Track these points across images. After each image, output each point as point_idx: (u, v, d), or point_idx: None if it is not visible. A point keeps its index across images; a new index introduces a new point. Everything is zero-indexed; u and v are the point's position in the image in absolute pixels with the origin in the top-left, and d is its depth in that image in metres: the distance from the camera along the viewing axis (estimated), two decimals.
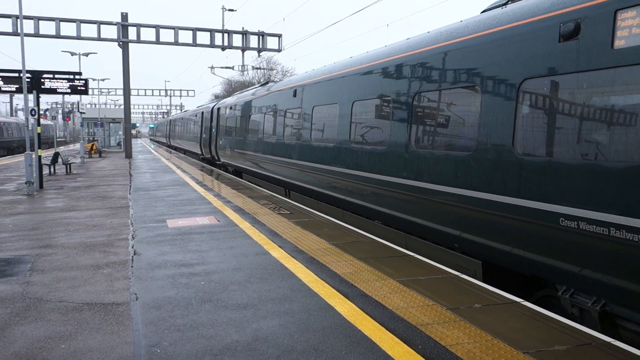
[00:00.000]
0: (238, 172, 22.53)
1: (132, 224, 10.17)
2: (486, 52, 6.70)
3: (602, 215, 4.90)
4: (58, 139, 62.45)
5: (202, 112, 31.83)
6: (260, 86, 20.72)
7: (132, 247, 8.14)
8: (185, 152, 43.07)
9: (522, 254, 5.98)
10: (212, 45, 32.30)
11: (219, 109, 26.44)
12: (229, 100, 25.40)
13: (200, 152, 32.46)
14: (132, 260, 7.33)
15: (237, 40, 32.69)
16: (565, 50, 5.42)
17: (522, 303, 5.43)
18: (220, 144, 25.29)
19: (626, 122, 4.84)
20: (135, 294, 5.78)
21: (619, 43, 4.82)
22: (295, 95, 14.16)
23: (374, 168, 9.40)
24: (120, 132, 44.51)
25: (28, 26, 27.61)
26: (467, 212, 6.85)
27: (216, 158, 26.88)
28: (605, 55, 4.95)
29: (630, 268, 4.68)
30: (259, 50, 33.55)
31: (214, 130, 27.32)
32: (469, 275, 6.67)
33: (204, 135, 30.28)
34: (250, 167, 19.50)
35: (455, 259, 7.38)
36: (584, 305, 5.37)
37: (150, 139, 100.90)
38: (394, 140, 8.71)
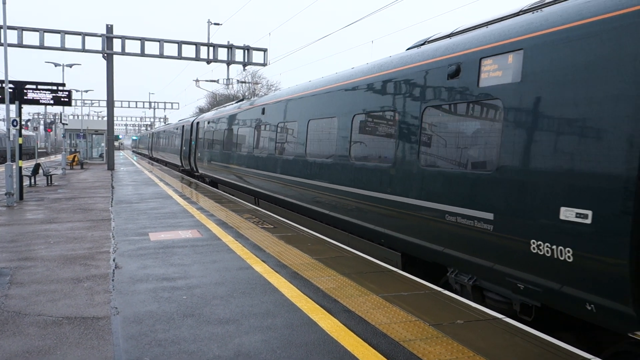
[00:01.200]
0: (214, 182, 24.20)
1: (113, 236, 10.08)
2: (401, 84, 8.34)
3: (468, 211, 6.50)
4: (39, 150, 61.79)
5: (183, 126, 33.39)
6: (235, 103, 22.52)
7: (114, 260, 8.06)
8: (166, 164, 44.29)
9: (426, 245, 7.46)
10: (197, 58, 32.29)
11: (197, 123, 28.10)
12: (207, 115, 26.96)
13: (180, 164, 33.85)
14: (113, 273, 7.26)
15: (222, 53, 32.75)
16: (451, 86, 7.04)
17: (504, 319, 5.47)
18: (198, 156, 26.97)
19: (480, 142, 6.58)
20: (116, 308, 5.71)
21: (482, 82, 6.52)
22: (263, 113, 15.96)
23: (323, 177, 11.00)
24: (103, 144, 44.16)
25: (12, 36, 27.46)
26: (389, 212, 8.39)
27: (195, 170, 28.42)
28: (474, 91, 6.62)
29: (488, 251, 6.21)
30: (244, 64, 33.62)
31: (193, 143, 28.79)
32: (392, 265, 8.18)
33: (184, 148, 31.82)
34: (224, 177, 21.17)
35: (383, 252, 8.95)
36: (463, 282, 6.87)
37: (133, 151, 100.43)
38: (338, 154, 10.37)
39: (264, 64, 33.66)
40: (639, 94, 4.57)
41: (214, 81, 38.82)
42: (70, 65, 38.69)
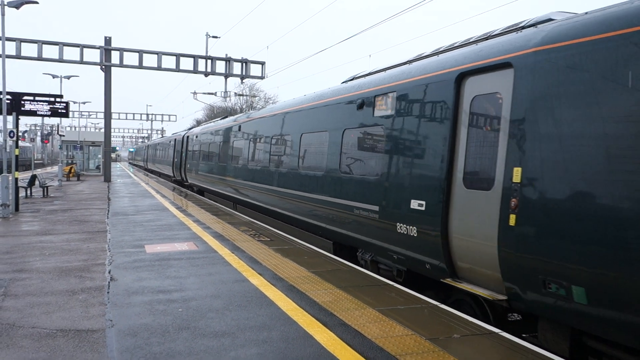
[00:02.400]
0: (201, 191, 26.96)
1: (109, 249, 10.04)
2: (331, 111, 11.08)
3: (366, 205, 9.05)
4: (36, 161, 61.69)
5: (175, 139, 36.34)
6: (220, 119, 25.56)
7: (109, 272, 8.03)
8: (160, 174, 46.81)
9: (345, 233, 10.04)
10: (195, 71, 32.38)
11: (187, 137, 31.17)
12: (195, 130, 30.22)
13: (172, 175, 36.66)
14: (109, 285, 7.22)
15: (220, 66, 32.83)
16: (359, 114, 9.78)
17: (500, 334, 5.46)
18: (187, 167, 29.94)
19: (366, 153, 9.59)
20: (111, 321, 5.68)
21: (376, 113, 9.21)
22: (240, 129, 18.87)
23: (280, 183, 13.63)
24: (100, 156, 44.13)
25: (10, 48, 27.48)
26: (323, 210, 10.91)
27: (185, 180, 31.39)
28: (370, 118, 9.35)
29: (377, 234, 8.71)
30: (242, 77, 33.73)
31: (183, 155, 31.76)
32: (327, 252, 10.36)
33: (176, 160, 34.73)
34: (208, 186, 24.05)
35: (322, 242, 11.34)
36: (366, 259, 9.39)
37: (130, 163, 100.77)
38: (291, 164, 12.98)
39: (262, 77, 33.77)
40: (447, 132, 7.19)
41: (211, 94, 38.98)
42: (68, 77, 38.83)
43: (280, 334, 5.35)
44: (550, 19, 6.60)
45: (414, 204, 7.64)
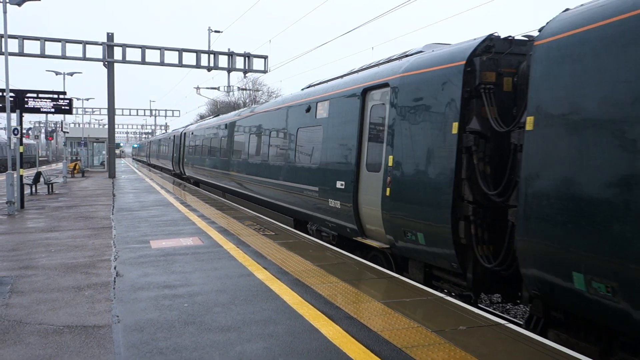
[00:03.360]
0: (197, 182, 29.46)
1: (114, 244, 10.06)
2: (291, 113, 13.69)
3: (310, 187, 11.70)
4: (40, 158, 61.80)
5: (174, 136, 39.02)
6: (212, 117, 29.00)
7: (115, 268, 8.05)
8: (162, 169, 49.25)
9: (299, 210, 12.74)
10: (198, 66, 32.36)
11: (184, 133, 33.54)
12: (191, 127, 32.74)
13: (172, 169, 39.57)
14: (115, 281, 7.24)
15: (223, 61, 32.81)
16: (307, 116, 12.34)
17: (507, 325, 5.45)
18: (185, 161, 32.80)
19: (311, 146, 11.97)
20: (117, 316, 5.70)
21: (317, 115, 11.78)
22: (225, 127, 21.72)
23: (257, 173, 16.36)
24: (104, 152, 44.19)
25: (13, 45, 27.54)
26: (285, 192, 13.59)
27: (183, 173, 34.21)
28: (314, 120, 11.94)
29: (318, 209, 11.39)
30: (245, 72, 33.70)
31: (181, 150, 34.33)
32: (289, 226, 12.96)
33: (175, 155, 37.48)
34: (202, 177, 26.90)
35: (285, 219, 14.00)
36: (312, 229, 12.02)
37: (133, 158, 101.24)
38: (264, 157, 15.66)
39: (265, 71, 33.73)
40: (357, 131, 9.90)
41: (214, 88, 38.92)
42: (71, 74, 38.78)
43: (286, 327, 5.35)
44: (420, 52, 9.19)
45: (338, 184, 10.49)
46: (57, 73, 38.28)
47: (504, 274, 6.73)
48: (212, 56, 32.56)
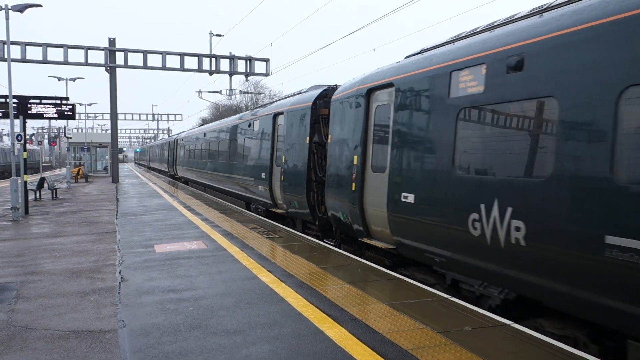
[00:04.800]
0: (186, 181, 35.02)
1: (119, 249, 10.08)
2: (240, 127, 19.15)
3: (253, 179, 16.85)
4: (44, 164, 61.96)
5: (169, 142, 45.12)
6: (198, 126, 36.92)
7: (120, 273, 8.06)
8: (159, 171, 55.16)
9: (247, 195, 17.84)
10: (199, 70, 32.39)
11: (177, 140, 39.70)
12: (182, 134, 39.14)
13: (167, 171, 45.54)
14: (120, 286, 7.25)
15: (224, 64, 32.82)
16: (249, 130, 17.85)
17: (513, 325, 5.44)
18: (177, 163, 38.67)
19: (249, 151, 17.66)
20: (123, 321, 5.70)
21: (254, 129, 17.39)
22: (205, 136, 27.20)
23: (221, 170, 22.21)
24: (107, 157, 44.28)
25: (15, 52, 27.58)
26: (239, 183, 18.67)
27: (176, 173, 40.07)
28: (253, 132, 17.43)
29: (258, 194, 16.59)
30: (247, 75, 33.70)
31: (174, 154, 40.23)
32: (244, 208, 17.85)
33: (170, 158, 43.34)
34: (190, 177, 32.33)
35: (240, 203, 18.94)
36: (253, 207, 17.70)
37: (136, 163, 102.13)
38: (225, 159, 21.37)
39: (267, 74, 33.71)
40: (270, 141, 15.52)
41: (216, 92, 38.91)
42: (74, 79, 38.85)
43: (291, 330, 5.35)
44: (302, 92, 14.61)
45: (262, 175, 15.86)
46: (59, 79, 38.36)
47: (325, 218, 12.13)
48: (213, 60, 32.58)
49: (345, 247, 10.96)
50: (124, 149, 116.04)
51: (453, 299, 6.46)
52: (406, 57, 9.11)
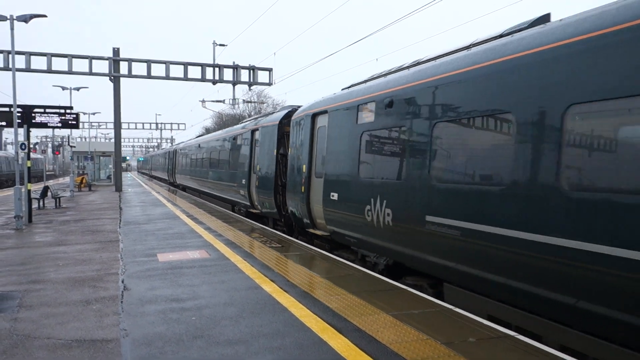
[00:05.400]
0: (184, 188, 38.23)
1: (122, 258, 10.08)
2: (225, 140, 23.00)
3: (236, 184, 19.99)
4: (47, 173, 62.04)
5: (169, 152, 49.89)
6: (195, 138, 40.15)
7: (122, 281, 8.05)
8: (160, 179, 57.97)
9: (234, 199, 20.99)
10: (203, 79, 32.55)
11: (175, 150, 43.87)
12: (180, 145, 43.17)
13: (167, 179, 49.39)
14: (122, 295, 7.24)
15: (228, 74, 32.98)
16: (230, 143, 21.93)
17: (516, 337, 5.41)
18: (176, 172, 42.27)
19: (235, 161, 20.61)
20: (125, 330, 5.69)
21: (234, 143, 21.16)
22: (199, 147, 30.41)
23: (209, 178, 25.68)
24: (110, 166, 44.35)
25: (20, 61, 27.81)
26: (227, 189, 21.90)
27: (175, 181, 43.50)
28: (235, 145, 21.06)
29: (237, 195, 20.06)
30: (250, 84, 33.84)
31: (174, 162, 43.91)
32: (230, 210, 21.36)
33: (169, 167, 47.21)
34: (186, 183, 35.72)
35: (227, 207, 22.27)
36: (236, 209, 21.41)
37: (139, 171, 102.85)
38: (212, 168, 25.55)
39: (270, 84, 33.86)
40: (246, 153, 18.95)
41: (220, 101, 39.14)
42: (78, 89, 39.04)
43: (294, 340, 5.33)
44: (273, 112, 17.53)
45: (243, 181, 18.63)
46: (63, 88, 38.55)
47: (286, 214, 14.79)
48: (217, 69, 32.75)
49: (302, 238, 13.53)
50: (127, 158, 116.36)
51: (457, 309, 6.43)
52: (342, 89, 11.92)
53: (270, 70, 33.55)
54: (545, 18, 7.09)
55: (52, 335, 5.60)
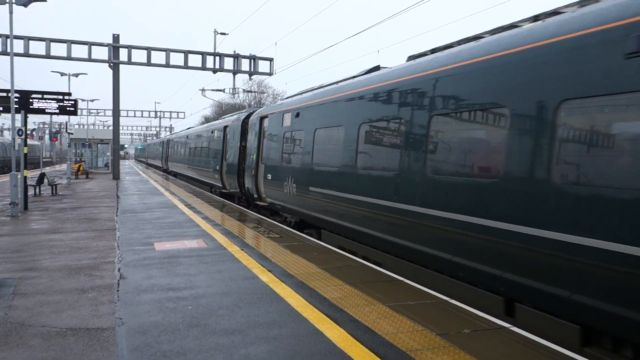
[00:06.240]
0: (175, 174, 41.69)
1: (118, 246, 10.06)
2: (206, 133, 27.58)
3: (212, 170, 24.41)
4: (44, 160, 61.95)
5: (162, 141, 55.28)
6: (187, 128, 43.32)
7: (119, 270, 8.03)
8: (156, 167, 61.16)
9: (211, 182, 25.14)
10: (203, 67, 32.42)
11: (169, 140, 48.33)
12: (172, 135, 48.66)
13: (161, 166, 53.34)
14: (118, 284, 7.23)
15: (228, 63, 32.84)
16: (209, 137, 26.48)
17: (511, 328, 5.41)
18: (169, 160, 45.85)
19: (212, 151, 25.19)
20: (121, 319, 5.68)
21: (213, 137, 25.52)
22: (187, 138, 34.62)
23: (192, 164, 31.06)
24: (108, 153, 44.26)
25: (18, 46, 27.58)
26: (203, 173, 27.09)
27: (168, 168, 47.20)
28: (213, 138, 25.36)
29: (212, 178, 24.63)
30: (250, 74, 33.72)
31: (167, 151, 47.75)
32: (209, 192, 25.49)
33: (163, 155, 51.33)
34: (178, 170, 39.36)
35: (206, 189, 26.27)
36: (211, 191, 25.54)
37: (137, 159, 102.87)
38: (195, 155, 30.21)
39: (270, 74, 33.74)
40: (219, 145, 23.65)
41: (220, 90, 39.04)
42: (77, 75, 38.90)
43: (290, 330, 5.33)
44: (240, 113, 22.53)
45: (217, 167, 22.90)
46: (62, 74, 38.40)
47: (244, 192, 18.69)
48: (217, 58, 32.60)
49: (256, 210, 17.30)
50: (126, 146, 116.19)
51: (452, 301, 6.43)
52: (285, 98, 17.33)
53: (271, 60, 33.41)
54: (377, 68, 11.19)
55: (46, 323, 5.58)
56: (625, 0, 5.12)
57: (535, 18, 6.74)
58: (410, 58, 9.37)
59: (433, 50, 8.72)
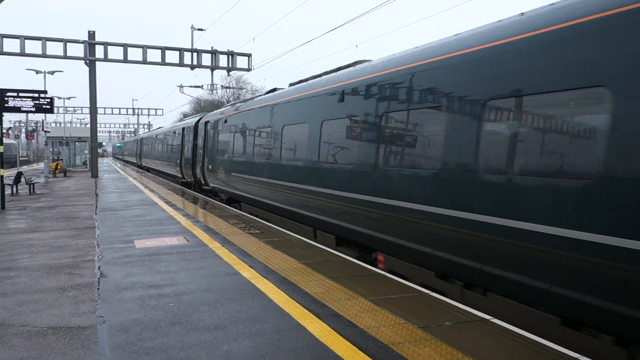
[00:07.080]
0: (148, 169, 46.19)
1: (98, 245, 9.97)
2: (171, 132, 32.37)
3: (174, 164, 29.46)
4: (21, 158, 60.95)
5: (136, 140, 60.94)
6: (157, 128, 49.32)
7: (99, 268, 7.97)
8: (131, 163, 65.05)
9: (173, 174, 30.03)
10: (181, 64, 32.13)
11: (142, 138, 54.13)
12: (145, 134, 54.65)
13: (136, 162, 57.95)
14: (99, 282, 7.17)
15: (206, 59, 32.62)
16: (173, 136, 30.92)
17: (492, 320, 5.49)
18: (143, 156, 50.91)
19: (177, 148, 28.82)
20: (102, 317, 5.64)
21: (175, 135, 30.30)
22: (156, 137, 39.03)
23: (167, 160, 32.58)
24: (86, 151, 43.69)
25: None
26: (170, 167, 31.30)
27: (142, 164, 51.87)
28: (176, 137, 29.86)
29: (178, 171, 28.42)
30: (229, 70, 33.55)
31: (141, 148, 53.04)
32: (172, 182, 30.08)
33: (138, 152, 55.95)
34: (150, 165, 43.80)
35: (171, 180, 31.33)
36: (176, 181, 29.97)
37: (114, 157, 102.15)
38: (164, 152, 34.37)
39: (249, 69, 33.62)
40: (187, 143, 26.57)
41: (198, 87, 38.77)
42: (52, 72, 38.32)
43: (272, 326, 5.35)
44: (201, 116, 26.04)
45: (186, 162, 25.99)
46: (37, 72, 37.80)
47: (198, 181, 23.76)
48: (195, 54, 32.35)
49: (205, 194, 22.09)
50: (104, 144, 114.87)
51: (434, 294, 6.51)
52: (225, 107, 21.91)
53: (249, 55, 33.29)
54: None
55: (26, 322, 5.52)
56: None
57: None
58: (291, 85, 14.12)
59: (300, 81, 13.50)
